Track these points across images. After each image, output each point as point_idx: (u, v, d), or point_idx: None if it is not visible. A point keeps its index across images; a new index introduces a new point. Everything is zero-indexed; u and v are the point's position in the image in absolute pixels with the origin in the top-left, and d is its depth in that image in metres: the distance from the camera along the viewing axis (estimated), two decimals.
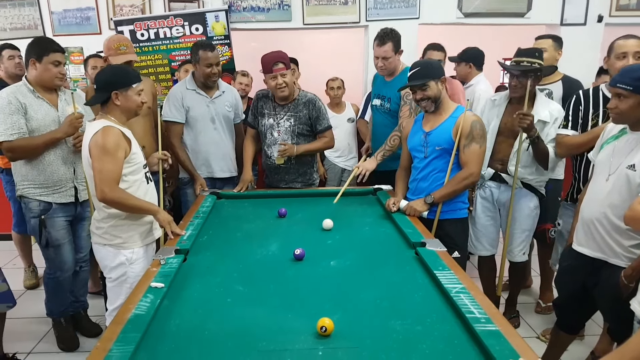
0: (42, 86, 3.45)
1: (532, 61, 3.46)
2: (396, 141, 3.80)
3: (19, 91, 3.38)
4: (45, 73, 3.40)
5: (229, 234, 3.22)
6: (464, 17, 5.86)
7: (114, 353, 1.78)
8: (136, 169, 2.98)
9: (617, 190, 2.64)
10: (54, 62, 3.40)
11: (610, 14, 5.91)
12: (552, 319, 3.34)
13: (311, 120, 4.02)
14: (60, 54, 3.44)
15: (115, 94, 2.88)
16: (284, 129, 4.03)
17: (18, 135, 3.31)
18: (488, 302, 2.14)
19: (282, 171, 4.15)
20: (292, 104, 4.02)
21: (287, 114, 4.02)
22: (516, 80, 3.50)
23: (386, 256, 2.82)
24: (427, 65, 3.41)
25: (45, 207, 3.50)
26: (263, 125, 4.11)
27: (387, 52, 3.91)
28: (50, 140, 3.39)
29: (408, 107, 3.83)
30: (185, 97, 4.16)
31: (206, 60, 4.02)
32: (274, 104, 4.05)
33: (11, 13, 5.80)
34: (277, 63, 3.79)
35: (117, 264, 2.98)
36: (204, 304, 2.27)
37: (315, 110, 4.00)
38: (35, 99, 3.41)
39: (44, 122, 3.40)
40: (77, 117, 3.42)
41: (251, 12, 5.78)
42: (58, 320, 3.84)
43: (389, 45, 3.88)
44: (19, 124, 3.32)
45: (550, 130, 3.51)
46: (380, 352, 1.85)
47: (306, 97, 4.03)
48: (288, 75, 3.85)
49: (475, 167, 3.31)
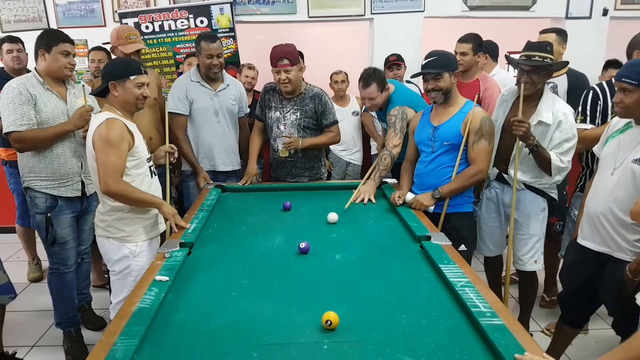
0: (51, 77, 3.43)
1: (544, 56, 3.20)
2: (387, 159, 3.68)
3: (29, 82, 3.37)
4: (54, 63, 3.38)
5: (233, 227, 3.22)
6: (469, 10, 5.83)
7: (119, 346, 1.79)
8: (140, 163, 2.97)
9: (623, 184, 2.63)
10: (63, 52, 3.39)
11: (616, 7, 5.88)
12: (557, 313, 3.33)
13: (317, 114, 4.02)
14: (69, 44, 3.43)
15: (113, 84, 2.88)
16: (290, 122, 4.04)
17: (28, 126, 3.29)
18: (493, 296, 2.14)
19: (289, 165, 4.15)
20: (299, 98, 4.01)
21: (293, 108, 4.03)
22: (527, 76, 3.24)
23: (391, 250, 2.82)
24: (444, 55, 3.36)
25: (52, 204, 3.47)
26: (270, 118, 4.11)
27: (372, 93, 3.78)
28: (60, 132, 3.37)
29: (392, 130, 3.73)
30: (190, 89, 4.16)
31: (207, 51, 4.02)
32: (280, 97, 4.06)
33: (15, 5, 5.80)
34: (283, 59, 3.78)
35: (121, 257, 2.98)
36: (208, 298, 2.27)
37: (321, 104, 4.00)
38: (45, 91, 3.39)
39: (52, 115, 3.38)
40: (87, 109, 3.41)
41: (256, 4, 5.77)
42: (68, 331, 3.74)
43: (374, 86, 3.75)
44: (29, 115, 3.30)
45: (555, 134, 3.26)
46: (386, 346, 1.85)
47: (312, 92, 4.02)
48: (293, 71, 3.83)
49: (484, 164, 3.29)
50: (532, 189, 3.44)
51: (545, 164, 3.26)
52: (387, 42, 5.76)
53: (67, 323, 3.73)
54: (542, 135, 3.27)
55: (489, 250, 3.78)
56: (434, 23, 5.93)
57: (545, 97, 3.32)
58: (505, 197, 3.57)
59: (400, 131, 3.69)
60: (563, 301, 3.23)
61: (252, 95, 5.21)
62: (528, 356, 1.69)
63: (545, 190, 3.44)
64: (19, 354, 3.59)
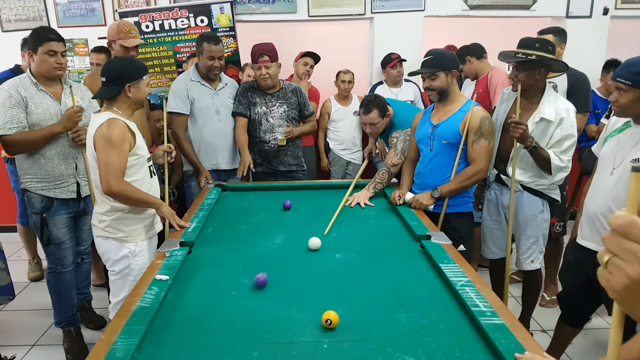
0: (43, 77, 3.40)
1: (527, 52, 3.19)
2: (385, 175, 3.72)
3: (22, 84, 3.33)
4: (41, 64, 3.34)
5: (234, 227, 3.22)
6: (469, 9, 5.83)
7: (119, 345, 1.79)
8: (141, 162, 2.97)
9: (622, 183, 2.63)
10: (49, 52, 3.31)
11: (616, 6, 5.86)
12: (557, 312, 3.33)
13: (300, 106, 4.43)
14: (56, 42, 3.33)
15: (129, 86, 2.88)
16: (279, 114, 4.32)
17: (17, 129, 3.26)
18: (493, 296, 2.14)
19: (282, 153, 4.39)
20: (281, 92, 4.36)
21: (279, 101, 4.34)
22: (513, 73, 3.28)
23: (391, 249, 2.82)
24: (440, 55, 3.36)
25: (47, 204, 3.47)
26: (256, 114, 4.30)
27: (373, 119, 3.79)
28: (49, 134, 3.33)
29: (393, 150, 3.77)
30: (190, 88, 4.20)
31: (209, 52, 4.08)
32: (262, 93, 4.29)
33: (16, 4, 5.80)
34: (263, 55, 4.12)
35: (121, 257, 2.98)
36: (209, 297, 2.27)
37: (302, 97, 4.45)
38: (38, 92, 3.36)
39: (44, 117, 3.34)
40: (76, 110, 3.37)
41: (256, 3, 5.77)
42: (68, 330, 3.75)
43: (374, 112, 3.76)
44: (19, 117, 3.26)
45: (556, 131, 3.22)
46: (386, 345, 1.85)
47: (292, 86, 4.45)
48: (272, 67, 4.17)
49: (484, 164, 3.29)
50: (531, 191, 3.42)
51: (545, 164, 3.24)
52: (387, 41, 5.76)
53: (67, 322, 3.73)
54: (544, 132, 3.26)
55: (492, 252, 3.74)
56: (434, 22, 5.93)
57: (547, 94, 3.30)
58: (504, 199, 3.55)
59: (401, 152, 3.77)
60: (563, 300, 3.23)
61: None
62: (528, 355, 1.69)
63: (545, 191, 3.41)
64: (19, 353, 3.59)
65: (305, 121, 4.53)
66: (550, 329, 3.66)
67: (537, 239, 3.50)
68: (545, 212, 3.47)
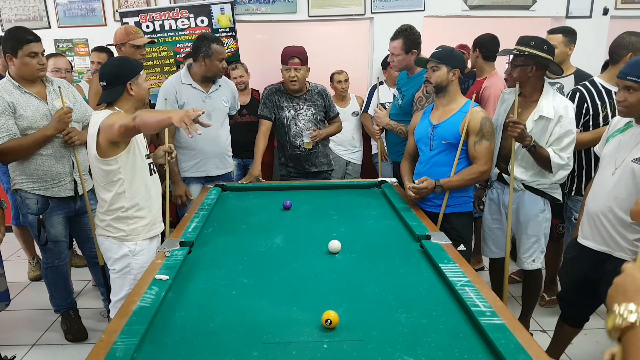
0: (26, 80, 3.36)
1: (521, 49, 3.22)
2: (402, 130, 3.93)
3: (5, 89, 3.29)
4: (24, 67, 3.30)
5: (234, 226, 3.22)
6: (469, 9, 5.82)
7: (119, 345, 1.79)
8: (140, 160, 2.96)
9: (623, 183, 2.63)
10: (30, 54, 3.27)
11: (616, 6, 5.85)
12: (557, 312, 3.33)
13: (326, 107, 4.39)
14: (35, 43, 3.30)
15: (130, 84, 2.88)
16: (307, 117, 4.29)
17: (8, 137, 3.23)
18: (493, 296, 2.14)
19: (312, 156, 4.38)
20: (308, 95, 4.32)
21: (306, 104, 4.30)
22: (509, 69, 3.36)
23: (391, 249, 2.82)
24: (449, 51, 3.39)
25: (43, 205, 3.46)
26: (284, 118, 4.26)
27: (395, 49, 3.89)
28: (41, 138, 3.31)
29: (420, 113, 3.75)
30: (180, 92, 4.03)
31: (221, 54, 3.96)
32: (289, 96, 4.25)
33: (16, 4, 5.79)
34: (294, 57, 4.07)
35: (121, 255, 2.98)
36: (209, 297, 2.28)
37: (327, 99, 4.40)
38: (23, 95, 3.32)
39: (34, 119, 3.31)
40: (66, 112, 3.35)
41: (256, 4, 5.76)
42: (67, 312, 3.81)
43: (399, 42, 3.85)
44: (8, 125, 3.23)
45: (555, 128, 3.23)
46: (386, 345, 1.85)
47: (317, 88, 4.37)
48: (302, 70, 4.13)
49: (487, 164, 3.29)
50: (532, 190, 3.42)
51: (545, 163, 3.25)
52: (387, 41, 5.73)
53: (66, 307, 3.82)
54: (544, 130, 3.26)
55: (491, 252, 3.75)
56: (434, 22, 5.93)
57: (545, 92, 3.31)
58: (505, 198, 3.54)
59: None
60: (563, 300, 3.23)
61: (249, 94, 5.20)
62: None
63: (546, 190, 3.41)
64: (19, 353, 3.58)
65: (331, 122, 4.50)
66: (550, 329, 3.65)
67: (538, 238, 3.49)
68: (547, 212, 3.46)
